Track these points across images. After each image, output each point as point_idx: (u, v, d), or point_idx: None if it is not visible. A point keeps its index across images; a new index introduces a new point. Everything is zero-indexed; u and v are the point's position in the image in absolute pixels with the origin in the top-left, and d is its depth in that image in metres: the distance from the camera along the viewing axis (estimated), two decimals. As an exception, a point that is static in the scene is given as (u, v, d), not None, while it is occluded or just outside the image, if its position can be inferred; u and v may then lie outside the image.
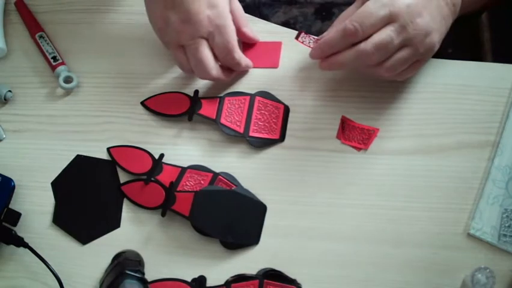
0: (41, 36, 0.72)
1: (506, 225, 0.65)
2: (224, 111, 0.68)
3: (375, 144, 0.68)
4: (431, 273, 0.64)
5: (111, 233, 0.67)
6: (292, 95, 0.70)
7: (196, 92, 0.69)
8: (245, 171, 0.68)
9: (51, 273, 0.63)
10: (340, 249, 0.65)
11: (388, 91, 0.69)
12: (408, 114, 0.68)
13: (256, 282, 0.63)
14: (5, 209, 0.65)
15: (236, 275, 0.65)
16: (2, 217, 0.64)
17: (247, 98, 0.69)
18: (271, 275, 0.64)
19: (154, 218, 0.67)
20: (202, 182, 0.66)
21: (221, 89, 0.70)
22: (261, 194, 0.67)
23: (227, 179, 0.67)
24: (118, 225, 0.67)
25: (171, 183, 0.65)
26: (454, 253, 0.65)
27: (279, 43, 0.72)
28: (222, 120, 0.68)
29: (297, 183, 0.67)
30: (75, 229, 0.67)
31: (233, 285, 0.64)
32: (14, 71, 0.72)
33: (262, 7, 0.83)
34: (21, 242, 0.64)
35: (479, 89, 0.69)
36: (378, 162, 0.67)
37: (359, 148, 0.68)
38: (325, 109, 0.69)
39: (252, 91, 0.70)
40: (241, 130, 0.68)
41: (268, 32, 0.72)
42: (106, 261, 0.65)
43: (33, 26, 0.73)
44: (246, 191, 0.67)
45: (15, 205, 0.66)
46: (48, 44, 0.71)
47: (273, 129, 0.69)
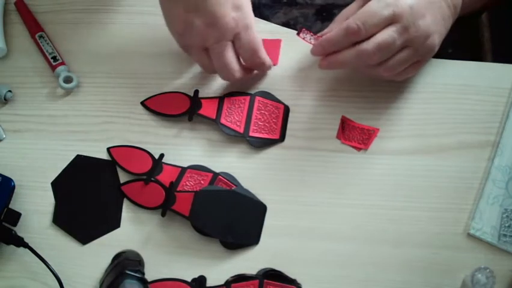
0: (41, 36, 0.72)
1: (506, 225, 0.65)
2: (224, 111, 0.68)
3: (375, 144, 0.68)
4: (431, 273, 0.65)
5: (111, 233, 0.67)
6: (292, 95, 0.70)
7: (196, 92, 0.69)
8: (245, 171, 0.68)
9: (51, 273, 0.63)
10: (340, 249, 0.65)
11: (388, 91, 0.69)
12: (408, 114, 0.68)
13: (256, 282, 0.63)
14: (5, 209, 0.65)
15: (236, 275, 0.65)
16: (2, 217, 0.64)
17: (247, 98, 0.69)
18: (271, 275, 0.64)
19: (154, 218, 0.67)
20: (202, 182, 0.66)
21: (221, 89, 0.70)
22: (261, 194, 0.67)
23: (227, 179, 0.67)
24: (118, 225, 0.67)
25: (171, 183, 0.65)
26: (454, 253, 0.65)
27: (279, 40, 0.72)
28: (222, 120, 0.68)
29: (297, 183, 0.67)
30: (75, 229, 0.67)
31: (233, 285, 0.64)
32: (14, 71, 0.72)
33: (263, 8, 0.83)
34: (21, 242, 0.64)
35: (479, 89, 0.69)
36: (378, 162, 0.67)
37: (359, 148, 0.68)
38: (325, 109, 0.69)
39: (252, 91, 0.70)
40: (241, 130, 0.68)
41: (269, 32, 0.72)
42: (106, 261, 0.65)
43: (33, 26, 0.73)
44: (246, 191, 0.67)
45: (15, 205, 0.66)
46: (48, 44, 0.71)
47: (273, 129, 0.69)
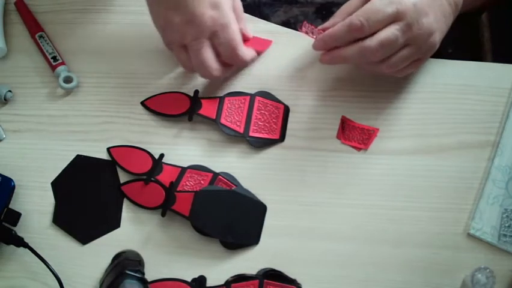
0: (41, 36, 0.72)
1: (506, 225, 0.65)
2: (224, 111, 0.68)
3: (375, 144, 0.68)
4: (431, 273, 0.65)
5: (111, 233, 0.67)
6: (292, 95, 0.70)
7: (196, 92, 0.69)
8: (245, 171, 0.67)
9: (51, 273, 0.63)
10: (340, 249, 0.65)
11: (388, 91, 0.69)
12: (408, 114, 0.68)
13: (256, 282, 0.63)
14: (5, 209, 0.65)
15: (236, 275, 0.65)
16: (2, 217, 0.64)
17: (247, 98, 0.69)
18: (271, 275, 0.64)
19: (154, 218, 0.66)
20: (202, 182, 0.66)
21: (221, 89, 0.70)
22: (261, 194, 0.67)
23: (227, 179, 0.67)
24: (118, 225, 0.67)
25: (171, 183, 0.65)
26: (454, 253, 0.65)
27: (270, 42, 0.71)
28: (222, 120, 0.68)
29: (297, 183, 0.67)
30: (75, 229, 0.67)
31: (233, 285, 0.64)
32: (14, 71, 0.72)
33: (263, 6, 0.83)
34: (21, 242, 0.64)
35: (479, 89, 0.69)
36: (378, 162, 0.67)
37: (359, 148, 0.68)
38: (325, 109, 0.69)
39: (252, 91, 0.70)
40: (241, 130, 0.68)
41: (269, 32, 0.72)
42: (106, 261, 0.65)
43: (33, 26, 0.73)
44: (246, 191, 0.67)
45: (15, 205, 0.66)
46: (48, 44, 0.71)
47: (273, 129, 0.69)
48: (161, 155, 0.68)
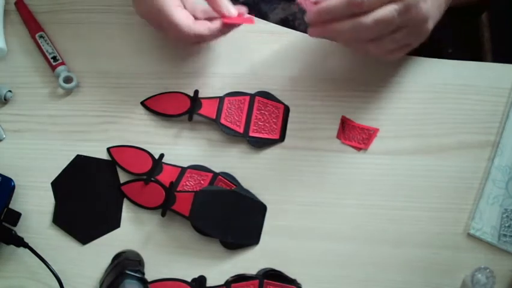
0: (41, 36, 0.72)
1: (506, 225, 0.65)
2: (224, 111, 0.68)
3: (375, 144, 0.68)
4: (431, 273, 0.65)
5: (111, 233, 0.67)
6: (292, 95, 0.70)
7: (196, 92, 0.69)
8: (245, 171, 0.67)
9: (51, 273, 0.63)
10: (340, 249, 0.65)
11: (388, 91, 0.69)
12: (408, 114, 0.68)
13: (256, 282, 0.63)
14: (5, 209, 0.65)
15: (236, 275, 0.65)
16: (2, 217, 0.64)
17: (247, 98, 0.69)
18: (271, 275, 0.64)
19: (154, 218, 0.67)
20: (202, 182, 0.66)
21: (221, 89, 0.70)
22: (261, 194, 0.67)
23: (227, 179, 0.67)
24: (118, 225, 0.67)
25: (171, 183, 0.65)
26: (454, 253, 0.65)
27: (251, 20, 0.66)
28: (222, 120, 0.68)
29: (297, 183, 0.67)
30: (75, 229, 0.67)
31: (233, 285, 0.64)
32: (14, 71, 0.72)
33: (261, 4, 0.82)
34: (21, 242, 0.64)
35: (479, 89, 0.69)
36: (378, 162, 0.67)
37: (359, 148, 0.68)
38: (325, 109, 0.69)
39: (252, 91, 0.70)
40: (241, 130, 0.68)
41: (269, 32, 0.72)
42: (106, 261, 0.65)
43: (33, 26, 0.73)
44: (246, 191, 0.67)
45: (15, 205, 0.66)
46: (48, 44, 0.71)
47: (273, 129, 0.69)
48: (161, 155, 0.68)
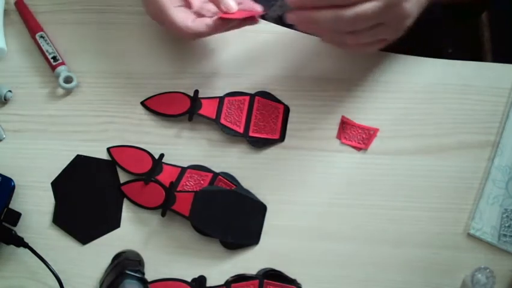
0: (41, 36, 0.72)
1: (506, 225, 0.65)
2: (224, 111, 0.68)
3: (375, 144, 0.68)
4: (431, 273, 0.65)
5: (111, 233, 0.67)
6: (292, 95, 0.70)
7: (196, 92, 0.69)
8: (245, 171, 0.67)
9: (51, 273, 0.63)
10: (340, 249, 0.65)
11: (388, 91, 0.69)
12: (408, 114, 0.68)
13: (256, 282, 0.63)
14: (5, 209, 0.65)
15: (236, 275, 0.65)
16: (2, 217, 0.64)
17: (247, 98, 0.69)
18: (271, 275, 0.64)
19: (154, 218, 0.67)
20: (202, 182, 0.66)
21: (221, 89, 0.70)
22: (261, 194, 0.67)
23: (227, 179, 0.67)
24: (118, 225, 0.67)
25: (171, 183, 0.65)
26: (454, 253, 0.65)
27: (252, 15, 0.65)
28: (222, 120, 0.68)
29: (297, 183, 0.67)
30: (75, 229, 0.67)
31: (233, 285, 0.64)
32: (14, 71, 0.72)
33: (259, 1, 0.82)
34: (21, 242, 0.64)
35: (479, 89, 0.69)
36: (378, 162, 0.67)
37: (359, 148, 0.68)
38: (325, 109, 0.69)
39: (252, 91, 0.70)
40: (241, 130, 0.68)
41: (269, 32, 0.72)
42: (106, 261, 0.65)
43: (33, 26, 0.73)
44: (246, 191, 0.67)
45: (15, 205, 0.66)
46: (48, 44, 0.71)
47: (273, 129, 0.69)
48: (161, 155, 0.68)
